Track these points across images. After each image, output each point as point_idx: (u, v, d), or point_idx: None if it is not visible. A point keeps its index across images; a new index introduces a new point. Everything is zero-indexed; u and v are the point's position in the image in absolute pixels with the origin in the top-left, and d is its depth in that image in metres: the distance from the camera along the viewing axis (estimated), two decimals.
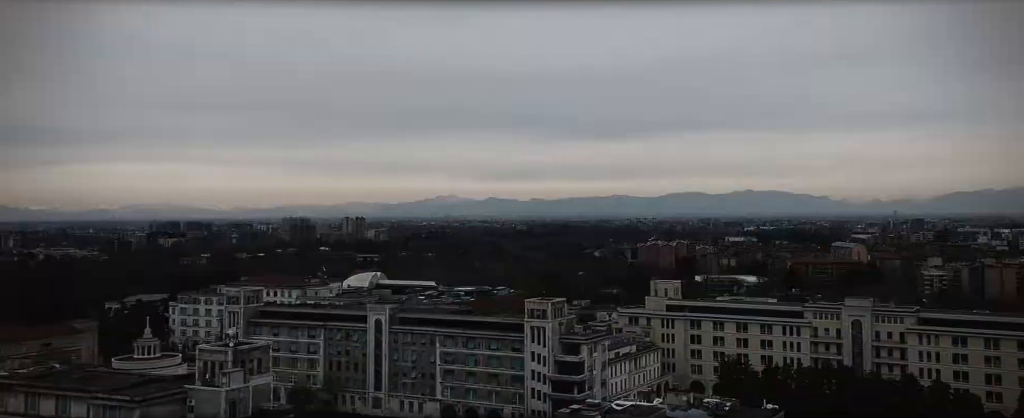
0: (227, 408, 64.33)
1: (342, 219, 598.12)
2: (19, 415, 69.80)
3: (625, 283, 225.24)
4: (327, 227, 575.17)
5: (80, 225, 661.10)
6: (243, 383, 66.75)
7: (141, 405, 64.50)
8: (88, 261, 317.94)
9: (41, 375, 73.84)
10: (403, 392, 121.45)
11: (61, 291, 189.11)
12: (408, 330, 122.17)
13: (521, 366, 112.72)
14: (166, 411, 65.63)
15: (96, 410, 66.07)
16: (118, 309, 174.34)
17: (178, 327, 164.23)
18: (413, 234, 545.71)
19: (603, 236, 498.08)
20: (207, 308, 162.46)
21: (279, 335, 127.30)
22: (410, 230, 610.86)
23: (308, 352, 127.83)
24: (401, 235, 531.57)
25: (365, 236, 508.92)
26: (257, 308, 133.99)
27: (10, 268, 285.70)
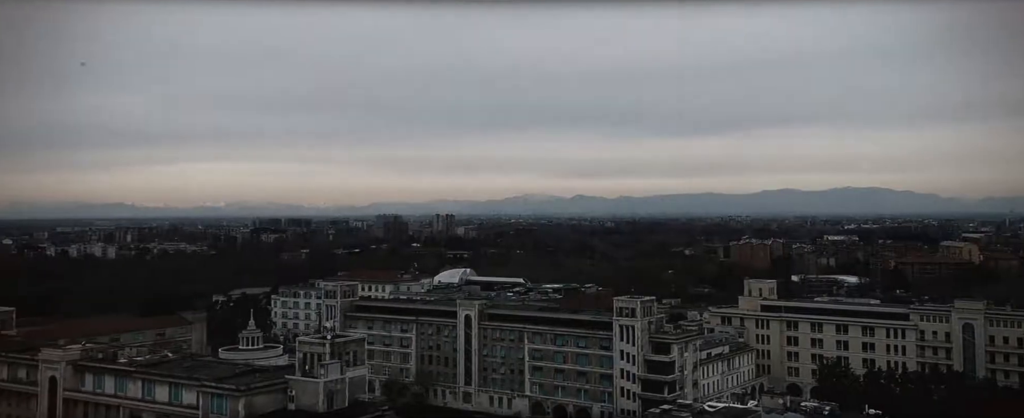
0: (325, 398, 66.54)
1: (433, 216, 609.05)
2: (136, 400, 74.60)
3: (717, 282, 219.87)
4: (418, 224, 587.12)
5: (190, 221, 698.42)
6: (340, 375, 68.90)
7: (245, 394, 67.60)
8: (197, 256, 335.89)
9: (156, 363, 78.47)
10: (492, 387, 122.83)
11: (173, 284, 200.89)
12: (497, 326, 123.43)
13: (610, 364, 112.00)
14: (268, 400, 68.53)
15: (205, 397, 69.70)
16: (224, 301, 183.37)
17: (279, 319, 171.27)
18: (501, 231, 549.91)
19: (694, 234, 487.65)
20: (306, 301, 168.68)
21: (373, 329, 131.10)
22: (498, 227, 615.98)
23: (401, 346, 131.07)
24: (490, 232, 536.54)
25: (455, 233, 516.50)
26: (353, 302, 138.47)
27: (128, 262, 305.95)
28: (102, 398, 76.58)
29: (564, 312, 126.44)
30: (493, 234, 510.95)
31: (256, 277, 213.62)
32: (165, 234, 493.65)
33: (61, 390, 78.11)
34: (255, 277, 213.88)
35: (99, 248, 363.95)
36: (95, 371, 77.82)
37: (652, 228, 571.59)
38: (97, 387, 77.35)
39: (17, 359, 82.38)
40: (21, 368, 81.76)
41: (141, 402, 74.18)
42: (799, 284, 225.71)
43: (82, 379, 78.23)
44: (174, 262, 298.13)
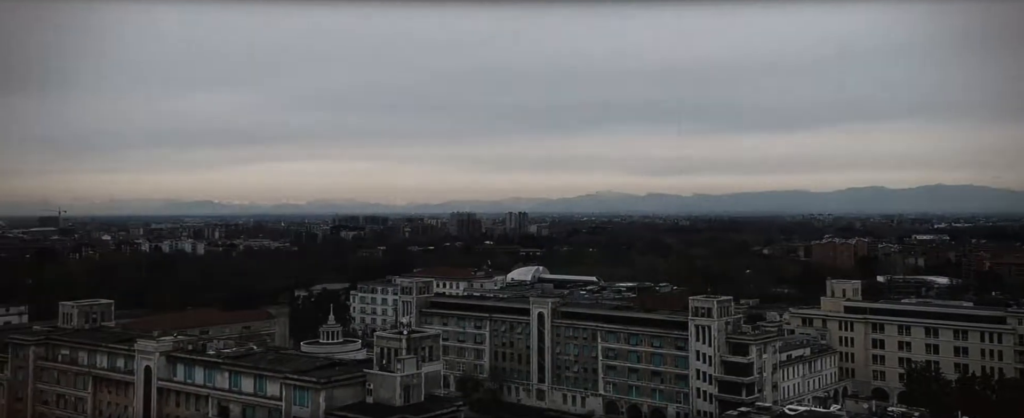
0: (402, 392, 67.89)
1: (506, 214, 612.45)
2: (224, 390, 77.82)
3: (797, 282, 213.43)
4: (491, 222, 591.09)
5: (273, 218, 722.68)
6: (416, 369, 70.17)
7: (326, 387, 69.65)
8: (280, 252, 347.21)
9: (242, 355, 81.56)
10: (566, 385, 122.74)
11: (258, 279, 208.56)
12: (570, 324, 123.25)
13: (685, 365, 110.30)
14: (348, 393, 70.40)
15: (288, 389, 72.16)
16: (305, 296, 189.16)
17: (358, 314, 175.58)
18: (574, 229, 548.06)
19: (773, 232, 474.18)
20: (383, 297, 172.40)
21: (448, 325, 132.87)
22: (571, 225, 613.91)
23: (475, 342, 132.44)
24: (562, 230, 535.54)
25: (528, 231, 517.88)
26: (428, 298, 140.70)
27: (216, 257, 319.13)
28: (192, 388, 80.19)
29: (638, 311, 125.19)
30: (565, 232, 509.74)
31: (335, 273, 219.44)
32: (250, 231, 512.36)
33: (155, 379, 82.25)
34: (335, 273, 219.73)
35: (189, 244, 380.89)
36: (186, 362, 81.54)
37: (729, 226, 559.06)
38: (188, 377, 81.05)
39: (116, 349, 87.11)
40: (120, 358, 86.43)
41: (228, 393, 77.33)
42: (885, 285, 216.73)
43: (174, 369, 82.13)
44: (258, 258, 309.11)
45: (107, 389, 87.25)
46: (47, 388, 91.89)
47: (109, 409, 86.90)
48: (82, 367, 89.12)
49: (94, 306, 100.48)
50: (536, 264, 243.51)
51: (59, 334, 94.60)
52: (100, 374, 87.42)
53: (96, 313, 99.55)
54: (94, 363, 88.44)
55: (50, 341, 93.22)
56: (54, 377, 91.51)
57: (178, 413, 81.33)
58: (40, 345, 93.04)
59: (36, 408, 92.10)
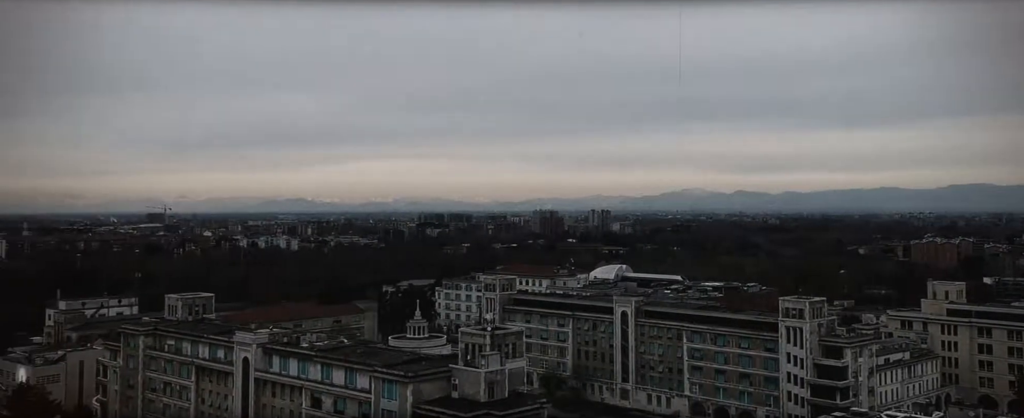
0: (486, 388, 68.65)
1: (588, 212, 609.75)
2: (317, 382, 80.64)
3: (895, 283, 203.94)
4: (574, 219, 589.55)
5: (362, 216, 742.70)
6: (500, 366, 70.78)
7: (413, 381, 71.14)
8: (369, 248, 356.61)
9: (333, 348, 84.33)
10: (650, 385, 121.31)
11: (347, 274, 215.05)
12: (654, 323, 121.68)
13: (775, 367, 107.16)
14: (433, 387, 71.72)
15: (377, 382, 74.09)
16: (393, 292, 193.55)
17: (443, 310, 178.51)
18: (658, 227, 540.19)
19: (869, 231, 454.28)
20: (467, 294, 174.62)
21: (531, 322, 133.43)
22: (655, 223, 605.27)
23: (557, 340, 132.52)
24: (646, 228, 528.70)
25: (610, 229, 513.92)
26: (511, 295, 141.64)
27: (309, 254, 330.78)
28: (286, 379, 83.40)
29: (725, 311, 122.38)
30: (649, 230, 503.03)
31: (421, 269, 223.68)
32: (340, 228, 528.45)
33: (252, 370, 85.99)
34: (420, 269, 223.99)
35: (283, 240, 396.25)
36: (281, 354, 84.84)
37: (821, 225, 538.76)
38: (283, 369, 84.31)
39: (217, 341, 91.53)
40: (220, 349, 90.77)
41: (320, 384, 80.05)
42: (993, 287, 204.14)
43: (270, 361, 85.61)
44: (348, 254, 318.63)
45: (209, 378, 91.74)
46: (155, 376, 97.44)
47: (211, 397, 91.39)
48: (186, 357, 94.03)
49: (197, 299, 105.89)
50: (619, 262, 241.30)
51: (165, 325, 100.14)
52: (202, 364, 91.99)
53: (198, 306, 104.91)
54: (197, 353, 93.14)
55: (157, 332, 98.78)
56: (161, 366, 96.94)
57: (274, 403, 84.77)
58: (148, 335, 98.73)
59: (145, 395, 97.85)
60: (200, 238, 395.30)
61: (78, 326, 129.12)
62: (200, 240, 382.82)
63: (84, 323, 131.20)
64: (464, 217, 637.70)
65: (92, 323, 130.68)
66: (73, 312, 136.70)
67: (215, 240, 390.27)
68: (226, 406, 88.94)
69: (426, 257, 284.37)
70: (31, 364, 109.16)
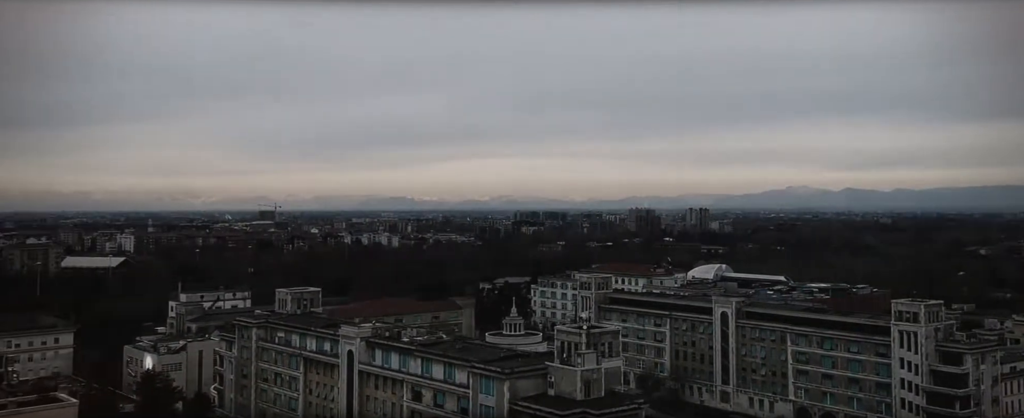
0: (582, 386, 68.56)
1: (685, 210, 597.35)
2: (417, 376, 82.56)
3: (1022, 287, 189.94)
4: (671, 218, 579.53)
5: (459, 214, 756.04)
6: (596, 365, 70.54)
7: (510, 377, 71.86)
8: (466, 246, 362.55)
9: (433, 343, 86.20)
10: (752, 388, 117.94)
11: (446, 271, 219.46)
12: (756, 325, 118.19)
13: (887, 373, 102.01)
14: (530, 384, 72.21)
15: (474, 378, 75.29)
16: (490, 289, 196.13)
17: (538, 308, 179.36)
18: (759, 226, 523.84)
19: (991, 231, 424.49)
20: (562, 292, 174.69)
21: (627, 321, 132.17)
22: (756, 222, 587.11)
23: (655, 340, 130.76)
24: (747, 227, 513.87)
25: (709, 227, 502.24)
26: (607, 294, 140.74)
27: (409, 250, 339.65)
28: (388, 372, 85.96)
29: (832, 313, 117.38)
30: (750, 229, 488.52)
31: (517, 267, 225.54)
32: (439, 226, 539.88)
33: (357, 363, 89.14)
34: (516, 267, 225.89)
35: (385, 237, 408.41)
36: (383, 348, 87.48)
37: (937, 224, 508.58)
38: (385, 362, 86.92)
39: (323, 334, 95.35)
40: (326, 341, 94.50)
41: (421, 378, 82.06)
42: None
43: (373, 354, 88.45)
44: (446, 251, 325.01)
45: (316, 370, 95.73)
46: (267, 366, 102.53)
47: (318, 388, 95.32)
48: (295, 349, 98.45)
49: (304, 293, 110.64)
50: (718, 262, 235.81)
51: (276, 318, 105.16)
52: (310, 356, 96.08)
53: (306, 299, 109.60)
54: (305, 346, 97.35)
55: (269, 324, 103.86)
56: (272, 357, 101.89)
57: (377, 395, 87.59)
58: (260, 327, 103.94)
59: (258, 384, 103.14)
60: (307, 235, 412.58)
61: (197, 317, 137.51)
62: (307, 237, 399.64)
63: (203, 315, 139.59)
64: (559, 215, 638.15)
65: (210, 315, 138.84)
66: (193, 304, 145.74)
67: (321, 237, 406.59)
68: (332, 397, 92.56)
69: (522, 255, 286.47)
70: (156, 353, 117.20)
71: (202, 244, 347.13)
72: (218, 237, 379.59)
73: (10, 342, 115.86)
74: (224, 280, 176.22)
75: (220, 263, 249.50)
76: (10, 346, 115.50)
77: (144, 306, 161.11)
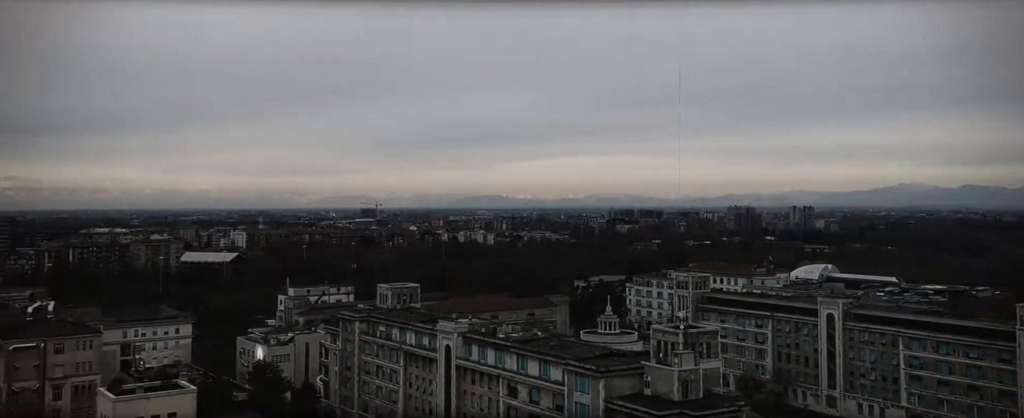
0: (680, 387, 67.55)
1: (788, 208, 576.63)
2: (512, 372, 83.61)
3: None
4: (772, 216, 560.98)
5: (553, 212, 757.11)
6: (694, 365, 69.33)
7: (605, 375, 71.58)
8: (560, 244, 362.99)
9: (528, 340, 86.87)
10: (860, 393, 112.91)
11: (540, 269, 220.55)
12: (865, 328, 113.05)
13: (1011, 380, 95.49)
14: (625, 383, 71.70)
15: (569, 376, 75.43)
16: (584, 287, 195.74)
17: (633, 307, 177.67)
18: (869, 225, 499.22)
19: None
20: (659, 291, 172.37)
21: (726, 322, 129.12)
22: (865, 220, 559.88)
23: (756, 341, 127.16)
24: (854, 226, 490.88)
25: (813, 226, 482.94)
26: (704, 294, 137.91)
27: (504, 248, 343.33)
28: (485, 368, 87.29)
29: (949, 317, 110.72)
30: (858, 228, 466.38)
31: (611, 265, 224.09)
32: (533, 223, 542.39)
33: (454, 357, 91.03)
34: (610, 265, 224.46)
35: (481, 235, 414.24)
36: (480, 344, 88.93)
37: None
38: (481, 358, 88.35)
39: (422, 329, 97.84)
40: (425, 336, 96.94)
41: (516, 374, 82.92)
42: None
43: (470, 349, 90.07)
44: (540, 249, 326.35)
45: (415, 364, 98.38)
46: (369, 359, 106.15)
47: (417, 382, 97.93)
48: (395, 343, 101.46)
49: (404, 289, 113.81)
50: (823, 262, 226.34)
51: (377, 313, 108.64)
52: (409, 350, 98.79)
53: (406, 295, 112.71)
54: (404, 340, 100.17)
55: (371, 318, 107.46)
56: (374, 350, 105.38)
57: (474, 390, 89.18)
58: (363, 321, 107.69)
59: (361, 376, 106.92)
60: (406, 232, 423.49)
61: (304, 311, 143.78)
62: (406, 234, 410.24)
63: (309, 308, 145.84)
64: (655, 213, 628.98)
65: (315, 308, 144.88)
66: (300, 298, 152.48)
67: (420, 234, 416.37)
68: (431, 390, 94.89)
69: (616, 253, 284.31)
70: (267, 344, 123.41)
71: (308, 241, 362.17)
72: (323, 234, 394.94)
73: (137, 331, 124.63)
74: (329, 275, 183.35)
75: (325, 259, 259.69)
76: (137, 335, 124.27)
77: (255, 299, 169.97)
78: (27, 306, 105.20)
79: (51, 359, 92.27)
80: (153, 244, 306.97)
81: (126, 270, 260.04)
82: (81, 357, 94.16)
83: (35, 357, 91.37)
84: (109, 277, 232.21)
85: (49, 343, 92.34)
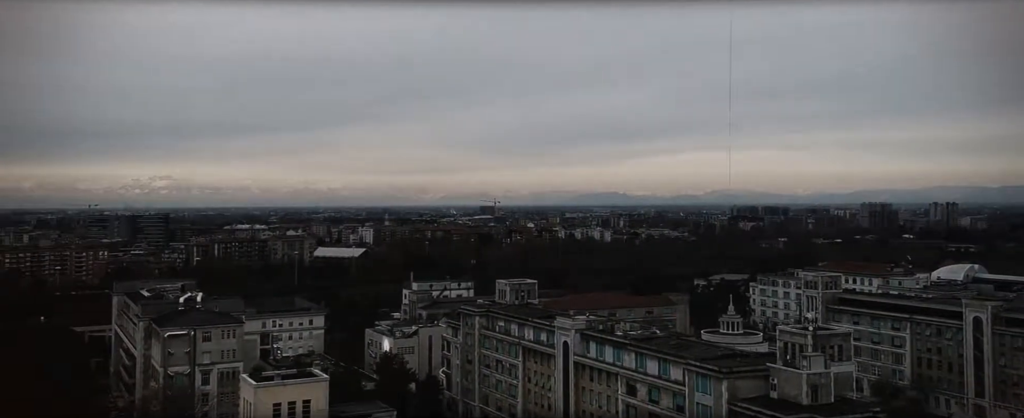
0: (809, 391, 64.89)
1: (928, 205, 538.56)
2: (631, 370, 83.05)
3: None
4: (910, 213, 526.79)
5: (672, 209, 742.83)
6: (824, 368, 66.45)
7: (728, 376, 69.72)
8: (680, 241, 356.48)
9: (647, 338, 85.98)
10: (1014, 404, 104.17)
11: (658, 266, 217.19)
12: (1019, 333, 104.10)
13: None
14: (750, 385, 69.52)
15: (690, 376, 74.01)
16: (704, 286, 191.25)
17: (757, 307, 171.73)
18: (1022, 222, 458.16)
19: None
20: (785, 290, 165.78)
21: (859, 324, 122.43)
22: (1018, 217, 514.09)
23: (892, 345, 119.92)
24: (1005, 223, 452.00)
25: (957, 223, 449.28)
26: (835, 294, 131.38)
27: (621, 245, 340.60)
28: (603, 365, 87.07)
29: None
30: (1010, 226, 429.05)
31: (734, 264, 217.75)
32: (651, 221, 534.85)
33: (572, 354, 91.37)
34: (733, 264, 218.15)
35: (597, 232, 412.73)
36: (597, 340, 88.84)
37: None
38: (599, 355, 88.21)
39: (540, 324, 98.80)
40: (543, 332, 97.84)
41: (635, 373, 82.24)
42: None
43: (587, 346, 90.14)
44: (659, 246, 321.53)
45: (533, 359, 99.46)
46: (488, 353, 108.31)
47: (535, 377, 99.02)
48: (514, 338, 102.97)
49: (522, 285, 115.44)
50: (969, 262, 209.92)
51: (496, 308, 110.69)
52: (528, 345, 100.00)
53: (524, 291, 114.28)
54: (523, 335, 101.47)
55: (490, 313, 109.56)
56: (493, 344, 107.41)
57: (592, 387, 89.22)
58: (482, 316, 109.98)
59: (481, 370, 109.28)
60: (524, 229, 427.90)
61: (427, 305, 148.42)
62: (524, 231, 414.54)
63: (431, 302, 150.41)
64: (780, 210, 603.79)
65: (437, 303, 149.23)
66: (423, 292, 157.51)
67: (537, 231, 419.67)
68: (549, 386, 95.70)
69: (739, 251, 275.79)
70: (393, 336, 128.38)
71: (431, 237, 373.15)
72: (444, 231, 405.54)
73: (275, 322, 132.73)
74: (450, 271, 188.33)
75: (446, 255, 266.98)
76: (274, 325, 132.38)
77: (381, 293, 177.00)
78: (179, 297, 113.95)
79: (200, 346, 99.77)
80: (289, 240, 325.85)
81: (264, 264, 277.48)
82: (226, 345, 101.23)
83: (186, 344, 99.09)
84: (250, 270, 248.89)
85: (198, 331, 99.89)
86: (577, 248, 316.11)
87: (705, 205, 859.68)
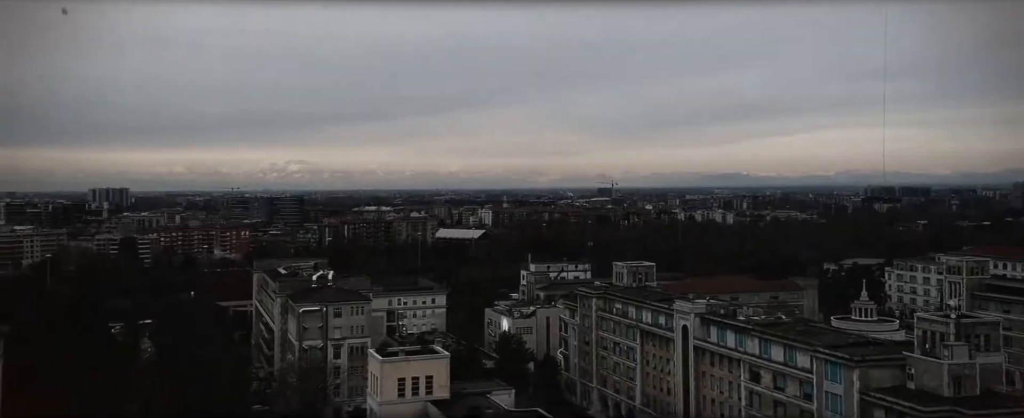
0: (950, 382, 60.82)
1: None
2: (755, 356, 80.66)
3: None
4: None
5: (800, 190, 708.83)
6: (968, 359, 62.05)
7: (860, 365, 66.42)
8: (808, 224, 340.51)
9: (771, 324, 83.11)
10: None
11: (784, 250, 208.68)
12: None
13: None
14: (884, 375, 65.97)
15: (818, 363, 71.03)
16: (835, 270, 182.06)
17: (894, 293, 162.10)
18: None
19: None
20: (925, 276, 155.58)
21: (1010, 313, 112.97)
22: None
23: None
24: None
25: None
26: (982, 280, 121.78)
27: (744, 228, 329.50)
28: (724, 350, 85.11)
29: None
30: None
31: (867, 247, 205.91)
32: (776, 202, 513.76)
33: (691, 338, 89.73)
34: (866, 247, 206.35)
35: (719, 214, 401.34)
36: (718, 325, 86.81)
37: None
38: (720, 339, 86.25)
39: (658, 308, 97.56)
40: (661, 315, 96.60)
41: (759, 359, 79.85)
42: None
43: (708, 331, 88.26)
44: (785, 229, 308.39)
45: (651, 342, 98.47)
46: (606, 335, 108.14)
47: (654, 360, 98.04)
48: (631, 320, 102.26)
49: (640, 267, 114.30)
50: None
51: (613, 290, 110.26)
52: (645, 328, 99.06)
53: (641, 273, 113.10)
54: (640, 318, 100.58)
55: (607, 295, 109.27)
56: (610, 326, 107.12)
57: (713, 372, 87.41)
58: (599, 298, 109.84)
59: (598, 352, 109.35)
60: (642, 211, 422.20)
61: (544, 286, 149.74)
62: (642, 213, 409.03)
63: (549, 284, 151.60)
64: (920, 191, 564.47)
65: (555, 284, 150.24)
66: (540, 273, 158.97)
67: (655, 213, 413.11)
68: (668, 370, 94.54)
69: (873, 234, 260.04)
70: (511, 316, 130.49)
71: (548, 219, 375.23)
72: (561, 212, 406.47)
73: (399, 300, 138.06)
74: (567, 252, 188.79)
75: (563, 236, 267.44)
76: (399, 303, 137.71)
77: (500, 273, 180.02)
78: (312, 275, 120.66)
79: (331, 322, 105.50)
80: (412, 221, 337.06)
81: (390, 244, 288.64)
82: (355, 321, 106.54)
83: (319, 320, 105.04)
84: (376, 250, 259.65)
85: (330, 308, 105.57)
86: (697, 230, 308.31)
87: (835, 185, 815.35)
